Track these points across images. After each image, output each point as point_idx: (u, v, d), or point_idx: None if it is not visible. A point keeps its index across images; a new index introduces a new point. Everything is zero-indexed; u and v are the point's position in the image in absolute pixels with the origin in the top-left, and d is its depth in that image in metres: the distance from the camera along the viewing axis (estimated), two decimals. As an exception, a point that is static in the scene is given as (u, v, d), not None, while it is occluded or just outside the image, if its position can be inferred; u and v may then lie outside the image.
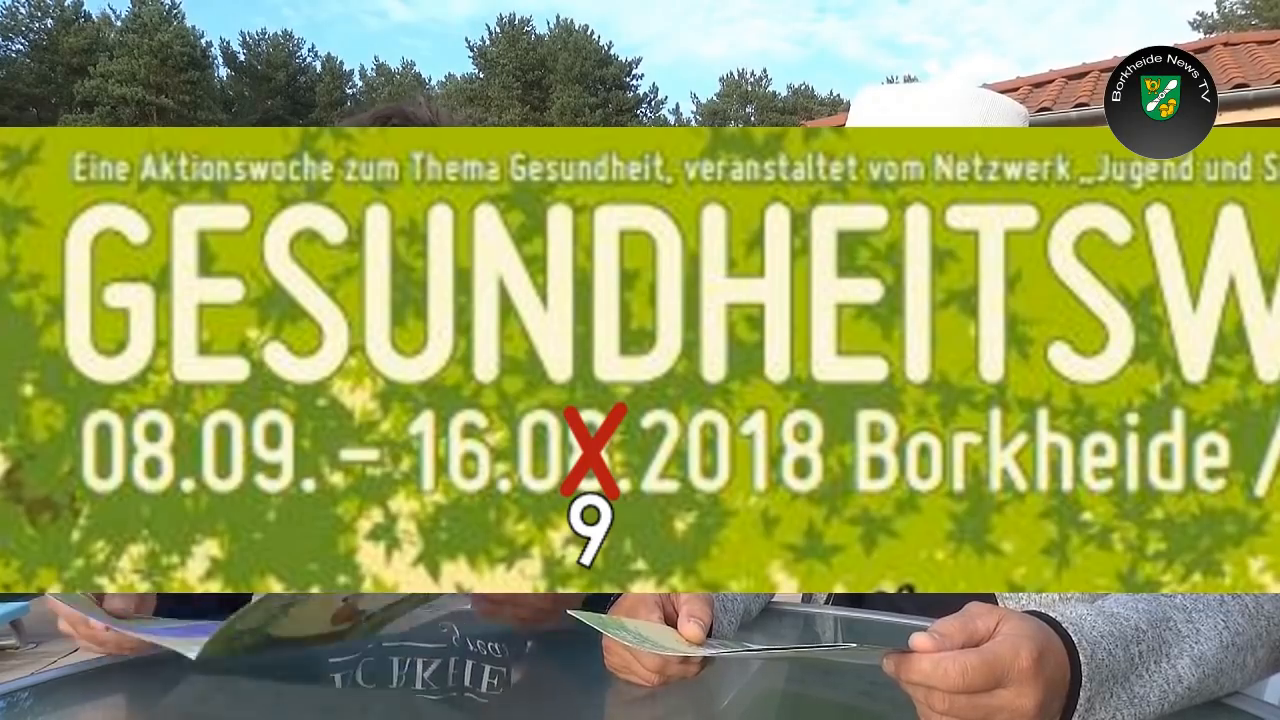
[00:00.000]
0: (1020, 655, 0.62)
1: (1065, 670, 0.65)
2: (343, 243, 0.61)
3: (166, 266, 0.61)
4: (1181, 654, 0.73)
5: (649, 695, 0.84)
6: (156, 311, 0.61)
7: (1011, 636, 0.63)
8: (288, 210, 0.61)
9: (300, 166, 0.61)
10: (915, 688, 0.63)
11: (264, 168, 0.61)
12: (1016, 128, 1.06)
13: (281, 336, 0.61)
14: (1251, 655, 0.78)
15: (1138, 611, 0.74)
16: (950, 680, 0.61)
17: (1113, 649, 0.69)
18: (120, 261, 0.61)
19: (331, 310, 0.61)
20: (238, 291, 0.61)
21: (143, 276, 0.61)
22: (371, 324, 0.61)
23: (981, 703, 0.62)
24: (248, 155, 0.61)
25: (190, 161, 0.61)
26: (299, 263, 0.61)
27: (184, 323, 0.61)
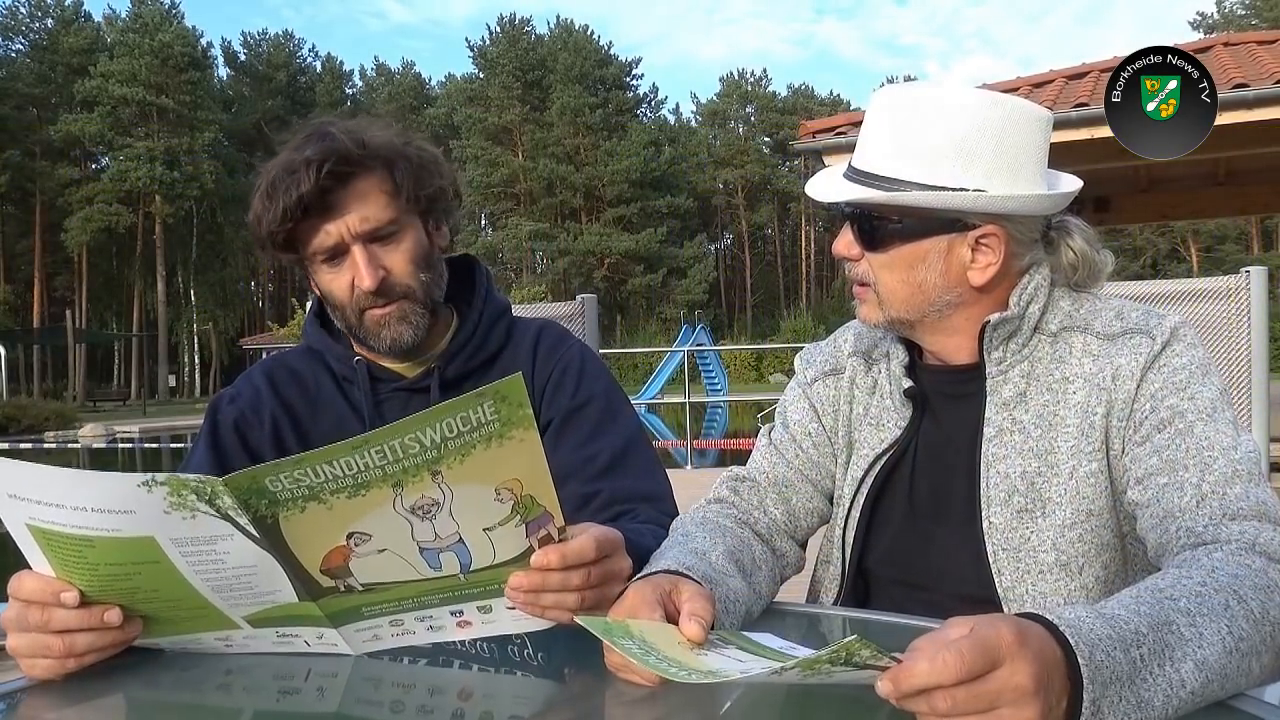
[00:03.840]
0: (1002, 632, 0.64)
1: (1054, 649, 0.66)
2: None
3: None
4: (1185, 658, 0.72)
5: (649, 695, 0.84)
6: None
7: (985, 623, 0.65)
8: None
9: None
10: (916, 699, 0.64)
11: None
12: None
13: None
14: (1256, 661, 0.78)
15: (1138, 614, 0.73)
16: (951, 669, 0.62)
17: (1112, 651, 0.68)
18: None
19: None
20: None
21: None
22: None
23: (981, 689, 0.63)
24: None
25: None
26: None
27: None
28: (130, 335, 49.40)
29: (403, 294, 1.27)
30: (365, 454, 0.79)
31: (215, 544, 0.84)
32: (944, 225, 1.09)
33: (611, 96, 58.78)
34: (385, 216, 1.25)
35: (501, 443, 0.81)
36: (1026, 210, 1.09)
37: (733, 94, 65.88)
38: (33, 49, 51.17)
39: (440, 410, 0.78)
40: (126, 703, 0.93)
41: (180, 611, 0.91)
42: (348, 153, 1.22)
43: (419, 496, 0.82)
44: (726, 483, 1.27)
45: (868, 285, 1.15)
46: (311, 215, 1.21)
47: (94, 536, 0.83)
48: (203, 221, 51.47)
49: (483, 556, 0.88)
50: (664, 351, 27.05)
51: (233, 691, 0.92)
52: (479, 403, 0.78)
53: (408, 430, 0.78)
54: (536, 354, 1.39)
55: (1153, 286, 1.80)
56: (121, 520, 0.82)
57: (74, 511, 0.82)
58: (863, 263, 1.15)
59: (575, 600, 0.90)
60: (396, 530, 0.85)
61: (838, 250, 1.16)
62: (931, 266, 1.11)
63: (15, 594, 0.89)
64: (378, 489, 0.81)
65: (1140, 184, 8.55)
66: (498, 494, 0.84)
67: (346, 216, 1.23)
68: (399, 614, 0.94)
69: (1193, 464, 0.98)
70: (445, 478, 0.81)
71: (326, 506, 0.82)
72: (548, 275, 53.59)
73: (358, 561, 0.87)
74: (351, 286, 1.26)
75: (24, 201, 49.86)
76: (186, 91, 49.59)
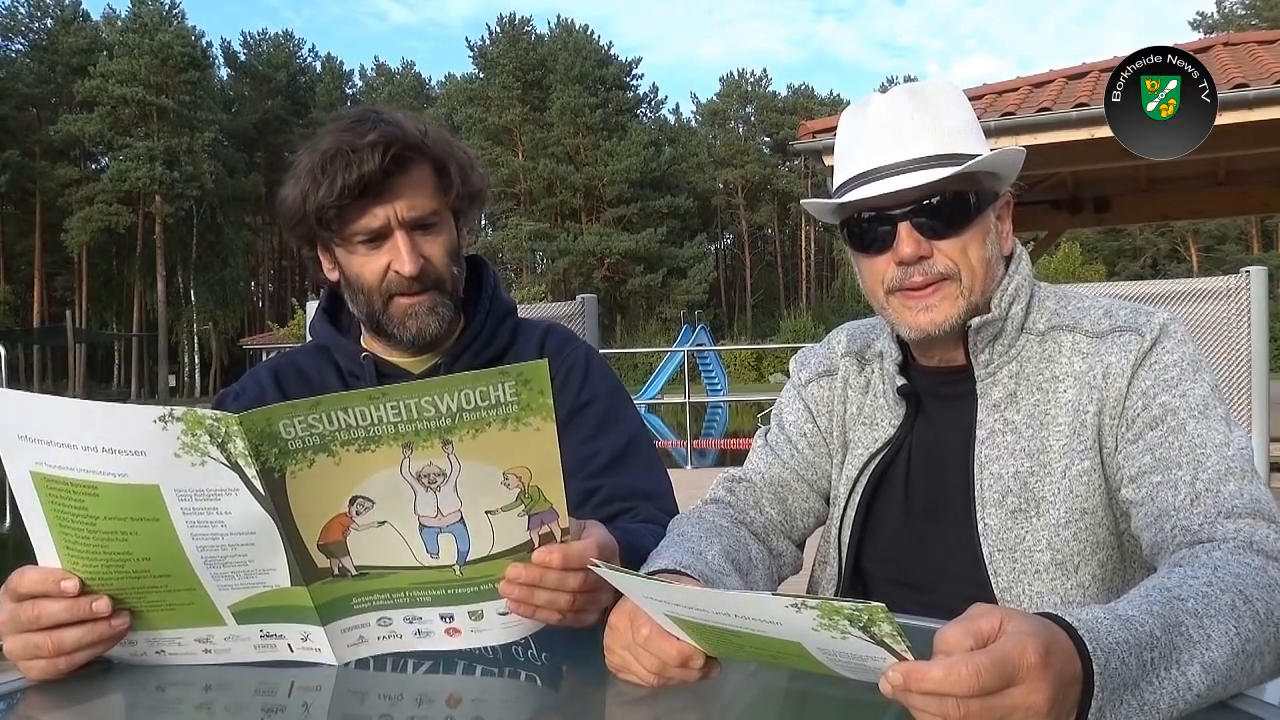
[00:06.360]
0: (1028, 651, 0.62)
1: (1075, 666, 0.65)
2: None
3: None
4: (1192, 660, 0.72)
5: (649, 695, 0.84)
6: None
7: (1017, 634, 0.63)
8: None
9: None
10: (926, 699, 0.62)
11: None
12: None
13: None
14: (1259, 661, 0.78)
15: (1151, 615, 0.73)
16: (965, 684, 0.60)
17: (1126, 657, 0.68)
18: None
19: None
20: None
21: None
22: None
23: (995, 704, 0.61)
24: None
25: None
26: None
27: None
28: (130, 335, 49.42)
29: (435, 284, 1.30)
30: (381, 406, 0.79)
31: (219, 500, 0.84)
32: (994, 195, 1.14)
33: (611, 96, 58.77)
34: (431, 207, 1.28)
35: (517, 427, 0.81)
36: (1016, 167, 1.15)
37: (733, 94, 65.89)
38: (33, 49, 51.16)
39: (461, 379, 0.79)
40: (124, 706, 0.93)
41: (167, 596, 0.90)
42: (414, 140, 1.25)
43: (427, 463, 0.83)
44: (723, 483, 1.28)
45: (949, 278, 1.10)
46: (365, 196, 1.23)
47: (99, 482, 0.82)
48: (203, 221, 51.46)
49: (481, 543, 0.88)
50: (664, 351, 27.05)
51: (214, 711, 0.88)
52: (501, 380, 0.79)
53: (425, 391, 0.79)
54: (543, 353, 1.40)
55: (1153, 286, 1.80)
56: (130, 463, 0.81)
57: (84, 452, 0.81)
58: (937, 256, 1.10)
59: (568, 602, 0.90)
60: (400, 499, 0.85)
61: (912, 253, 1.08)
62: (992, 238, 1.13)
63: (15, 589, 0.89)
64: (388, 446, 0.82)
65: (1140, 184, 8.54)
66: (505, 478, 0.85)
67: (396, 202, 1.25)
68: (388, 610, 0.93)
69: (1186, 461, 0.98)
70: (456, 449, 0.82)
71: (335, 460, 0.82)
72: (548, 275, 53.63)
73: (356, 536, 0.87)
74: (385, 271, 1.28)
75: (24, 201, 49.88)
76: (186, 91, 49.58)
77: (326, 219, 1.24)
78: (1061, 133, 6.42)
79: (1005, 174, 1.15)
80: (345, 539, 0.87)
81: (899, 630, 0.62)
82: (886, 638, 0.63)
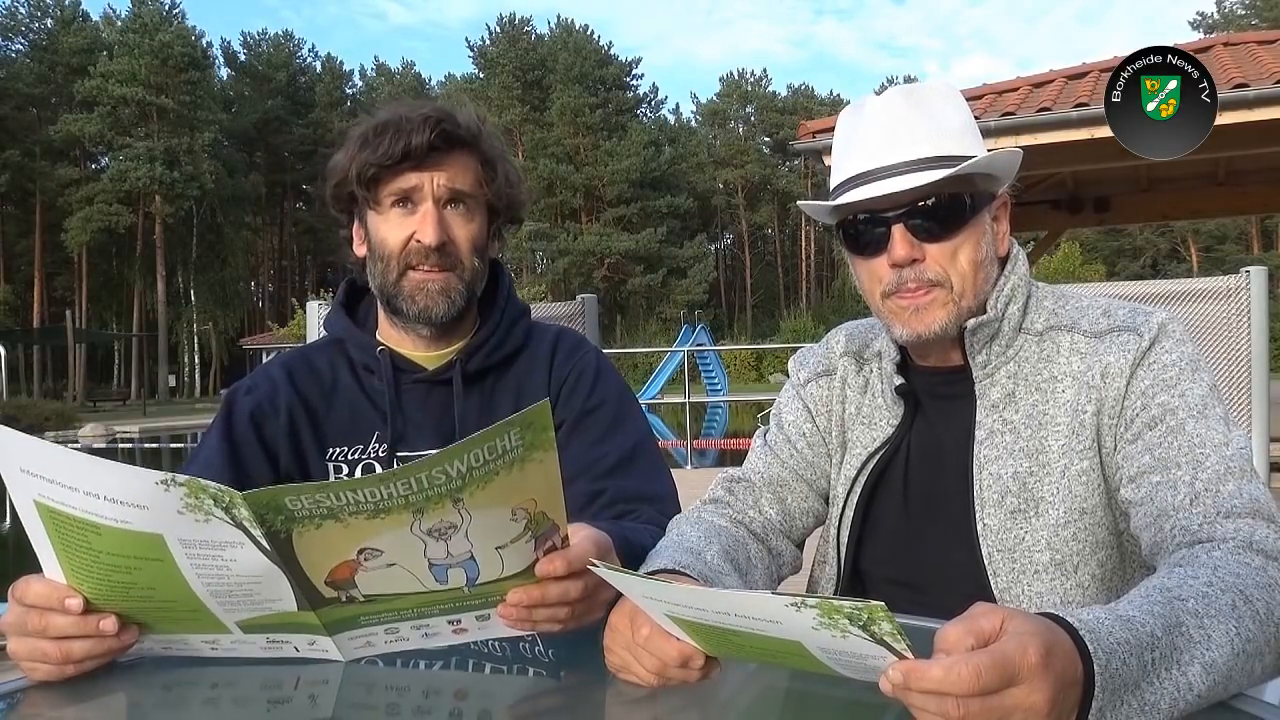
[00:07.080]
0: (1029, 652, 0.62)
1: (1076, 667, 0.65)
2: None
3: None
4: (1193, 660, 0.72)
5: (649, 695, 0.84)
6: None
7: (1018, 634, 0.63)
8: None
9: None
10: (926, 697, 0.62)
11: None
12: None
13: None
14: (1259, 661, 0.78)
15: (1152, 616, 0.72)
16: (965, 684, 0.60)
17: (1127, 658, 0.68)
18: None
19: None
20: None
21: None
22: None
23: (995, 704, 0.61)
24: None
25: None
26: None
27: None
28: (130, 335, 49.35)
29: (453, 265, 1.32)
30: (391, 485, 0.78)
31: (224, 550, 0.84)
32: (989, 196, 1.13)
33: (611, 96, 58.74)
34: (468, 187, 1.32)
35: (523, 466, 0.80)
36: (1013, 169, 1.15)
37: (732, 94, 65.86)
38: (33, 49, 51.11)
39: (470, 442, 0.77)
40: (127, 704, 0.93)
41: (173, 613, 0.91)
42: (466, 123, 1.31)
43: (438, 520, 0.82)
44: (722, 483, 1.28)
45: (939, 284, 1.10)
46: (406, 163, 1.27)
47: (102, 524, 0.82)
48: (203, 221, 51.41)
49: (490, 572, 0.88)
50: (664, 351, 27.03)
51: (220, 704, 0.89)
52: (506, 431, 0.78)
53: (436, 464, 0.78)
54: (555, 356, 1.42)
55: (1152, 286, 1.80)
56: (133, 513, 0.81)
57: (86, 497, 0.81)
58: (928, 261, 1.09)
59: (567, 613, 0.90)
60: (409, 548, 0.84)
61: (905, 255, 1.08)
62: (987, 240, 1.13)
63: (21, 599, 0.89)
64: (398, 514, 0.81)
65: (1140, 184, 8.54)
66: (514, 514, 0.84)
67: (436, 172, 1.29)
68: (396, 623, 0.94)
69: (1185, 461, 0.98)
70: (466, 503, 0.81)
71: (343, 525, 0.81)
72: (548, 275, 53.58)
73: (364, 575, 0.86)
74: (408, 240, 1.30)
75: (24, 201, 49.84)
76: (186, 91, 49.51)
77: (366, 177, 1.28)
78: (1061, 133, 6.42)
79: (1002, 175, 1.14)
80: (353, 577, 0.87)
81: (899, 629, 0.62)
82: (886, 636, 0.63)
